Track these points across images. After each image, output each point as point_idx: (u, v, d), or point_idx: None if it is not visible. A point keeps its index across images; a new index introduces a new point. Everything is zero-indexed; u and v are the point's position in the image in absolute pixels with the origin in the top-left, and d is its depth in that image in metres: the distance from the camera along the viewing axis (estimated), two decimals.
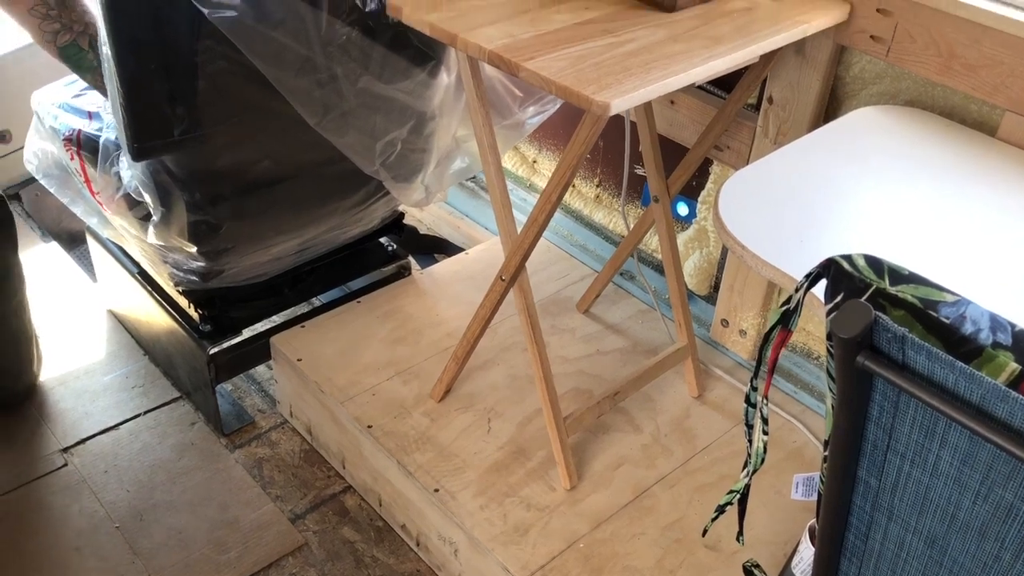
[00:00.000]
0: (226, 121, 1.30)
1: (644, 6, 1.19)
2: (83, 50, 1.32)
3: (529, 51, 1.06)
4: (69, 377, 1.75)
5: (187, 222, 1.37)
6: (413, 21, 1.15)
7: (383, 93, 1.38)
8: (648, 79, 1.02)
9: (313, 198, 1.50)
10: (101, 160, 1.42)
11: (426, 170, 1.57)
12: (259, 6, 1.16)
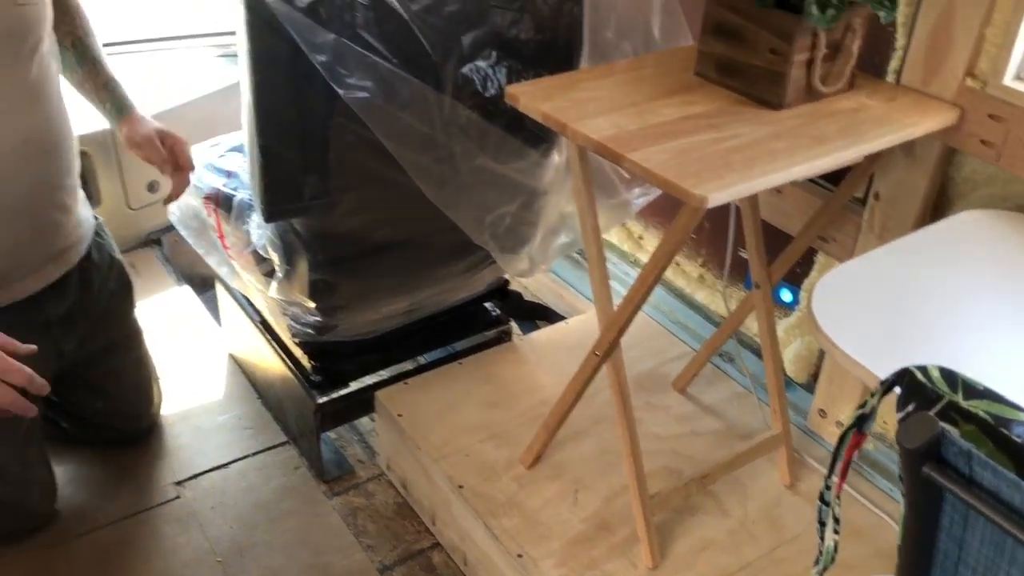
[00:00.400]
0: (351, 189, 1.40)
1: (751, 103, 1.24)
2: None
3: (634, 142, 1.12)
4: (189, 414, 1.87)
5: (308, 280, 1.47)
6: (528, 109, 1.22)
7: (497, 171, 1.45)
8: (748, 175, 1.05)
9: (424, 263, 1.59)
10: (234, 217, 1.54)
11: (532, 243, 1.63)
12: (389, 89, 1.26)
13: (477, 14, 1.31)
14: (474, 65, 1.34)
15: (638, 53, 1.48)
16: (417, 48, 1.27)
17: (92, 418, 1.71)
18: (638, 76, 1.33)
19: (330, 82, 1.22)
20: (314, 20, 1.19)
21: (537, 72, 1.40)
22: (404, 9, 1.23)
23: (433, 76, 1.30)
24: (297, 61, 1.21)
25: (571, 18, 1.41)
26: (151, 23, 2.60)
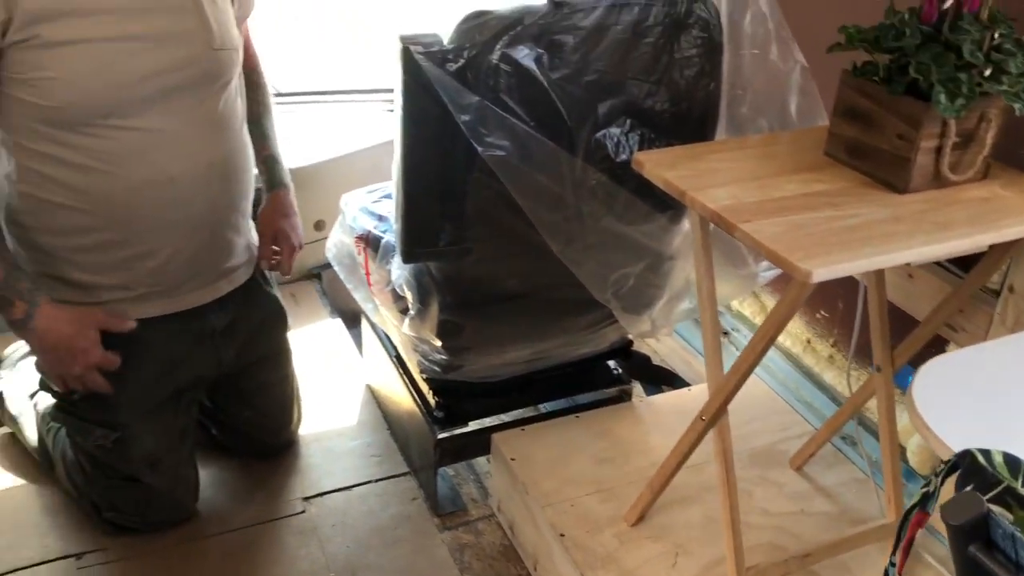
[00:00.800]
0: (484, 239, 1.50)
1: (877, 185, 1.25)
2: None
3: (749, 214, 1.15)
4: (323, 436, 2.01)
5: (437, 320, 1.57)
6: (652, 176, 1.28)
7: (623, 232, 1.51)
8: (858, 254, 1.07)
9: (548, 315, 1.66)
10: (380, 257, 1.67)
11: (655, 305, 1.67)
12: (524, 149, 1.35)
13: (614, 84, 1.39)
14: (607, 131, 1.41)
15: (774, 129, 1.51)
16: (554, 113, 1.36)
17: (239, 427, 1.87)
18: (768, 152, 1.37)
19: (471, 140, 1.33)
20: (462, 83, 1.30)
21: (669, 141, 1.46)
22: (544, 77, 1.33)
23: (567, 139, 1.39)
24: (444, 119, 1.32)
25: (707, 93, 1.46)
26: (331, 77, 2.85)
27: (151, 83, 1.35)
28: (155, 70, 1.35)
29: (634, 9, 1.36)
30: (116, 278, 1.48)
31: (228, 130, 1.50)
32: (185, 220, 1.47)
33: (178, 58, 1.37)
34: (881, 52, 1.20)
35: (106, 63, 1.31)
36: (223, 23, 1.43)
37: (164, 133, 1.39)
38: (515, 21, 1.30)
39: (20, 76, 1.30)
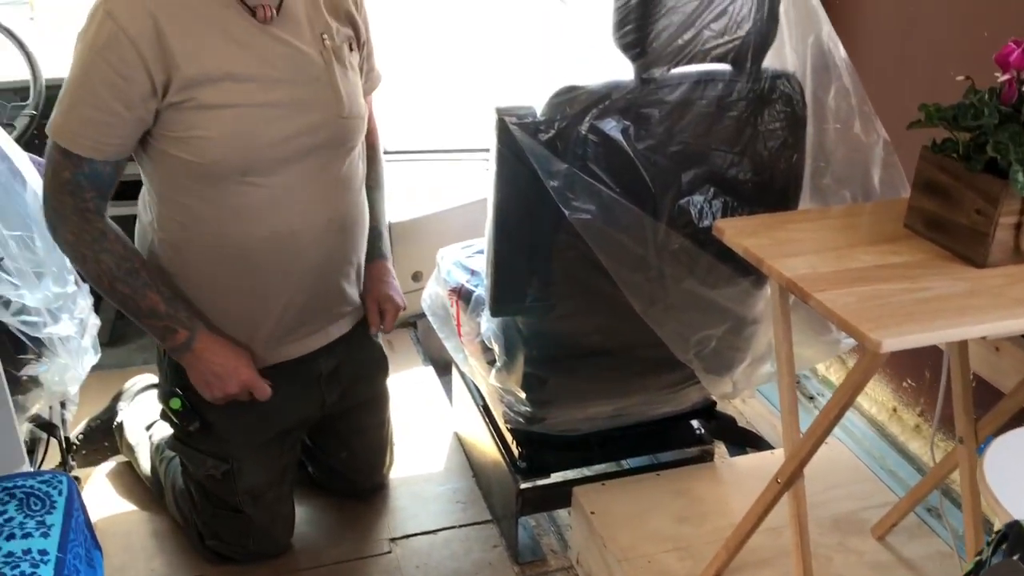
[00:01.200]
0: (569, 296, 1.57)
1: (955, 259, 1.26)
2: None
3: (823, 283, 1.19)
4: (411, 480, 2.09)
5: (522, 372, 1.64)
6: (732, 243, 1.33)
7: (705, 295, 1.56)
8: (930, 326, 1.09)
9: (630, 373, 1.71)
10: (471, 309, 1.76)
11: (738, 367, 1.70)
12: (609, 213, 1.42)
13: (698, 155, 1.45)
14: (691, 198, 1.47)
15: (857, 199, 1.54)
16: (639, 180, 1.43)
17: (335, 467, 1.97)
18: (849, 223, 1.40)
19: (559, 204, 1.41)
20: (552, 152, 1.39)
21: (752, 209, 1.51)
22: (630, 147, 1.40)
23: (651, 205, 1.45)
24: (534, 184, 1.41)
25: (790, 164, 1.51)
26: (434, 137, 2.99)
27: (286, 145, 1.49)
28: (291, 134, 1.48)
29: (718, 85, 1.43)
30: (241, 324, 1.60)
31: (349, 190, 1.63)
32: (305, 270, 1.59)
33: (311, 124, 1.51)
34: (960, 130, 1.23)
35: (251, 126, 1.44)
36: (352, 94, 1.56)
37: (293, 190, 1.52)
38: (604, 96, 1.38)
39: (172, 134, 1.45)
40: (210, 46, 1.42)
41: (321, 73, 1.51)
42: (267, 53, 1.46)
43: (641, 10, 1.34)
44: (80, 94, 1.40)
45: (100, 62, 1.37)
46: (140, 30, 1.36)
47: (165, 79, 1.39)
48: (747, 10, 1.38)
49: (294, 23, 1.49)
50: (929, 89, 1.66)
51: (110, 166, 1.46)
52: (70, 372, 1.81)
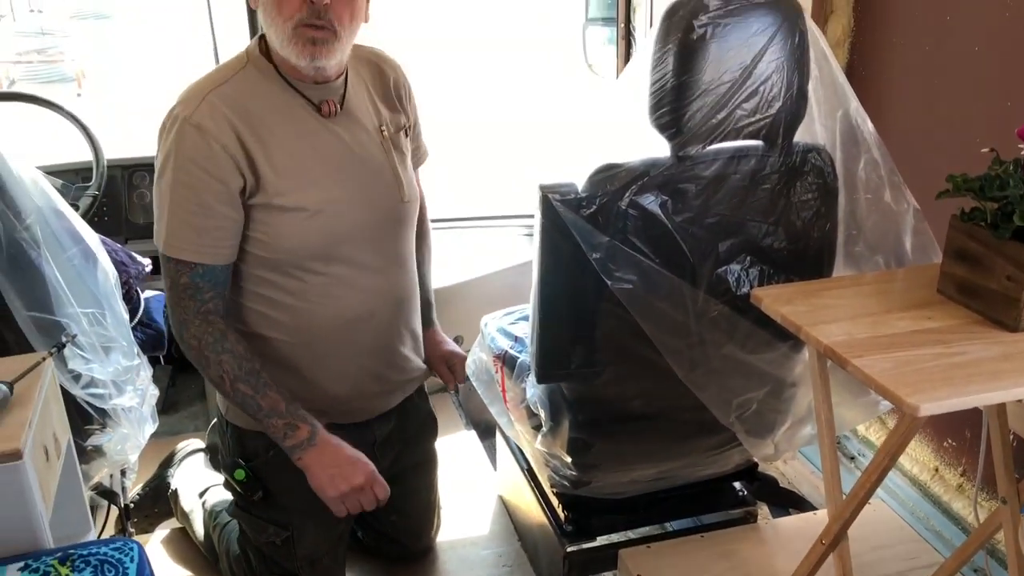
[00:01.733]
0: (612, 363, 1.62)
1: (988, 324, 1.30)
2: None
3: (860, 349, 1.24)
4: (457, 544, 2.13)
5: (568, 437, 1.69)
6: (770, 311, 1.39)
7: (745, 360, 1.61)
8: (965, 390, 1.13)
9: (673, 436, 1.75)
10: (515, 375, 1.82)
11: (778, 430, 1.74)
12: (650, 282, 1.49)
13: (734, 225, 1.52)
14: (728, 267, 1.53)
15: (890, 265, 1.59)
16: (678, 251, 1.49)
17: (384, 530, 2.02)
18: (883, 288, 1.45)
19: (601, 274, 1.47)
20: (593, 225, 1.46)
21: (788, 277, 1.56)
22: (669, 220, 1.46)
23: (690, 274, 1.51)
24: (576, 256, 1.48)
25: (823, 233, 1.56)
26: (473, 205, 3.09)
27: (355, 232, 1.58)
28: (360, 222, 1.57)
29: (752, 160, 1.49)
30: (314, 401, 1.67)
31: (407, 265, 1.72)
32: (374, 345, 1.67)
33: (377, 211, 1.60)
34: (987, 200, 1.28)
35: (323, 219, 1.54)
36: (409, 179, 1.66)
37: (362, 273, 1.60)
38: (642, 173, 1.45)
39: (250, 234, 1.54)
40: (283, 147, 1.51)
41: (383, 163, 1.60)
42: (334, 148, 1.55)
43: (676, 93, 1.42)
44: (188, 206, 1.48)
45: (199, 172, 1.46)
46: (226, 137, 1.46)
47: (253, 182, 1.49)
48: (777, 90, 1.45)
49: (355, 117, 1.59)
50: (955, 158, 1.72)
51: (222, 267, 1.54)
52: (131, 441, 1.89)
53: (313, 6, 1.43)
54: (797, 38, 1.45)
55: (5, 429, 1.28)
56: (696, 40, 1.39)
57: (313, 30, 1.45)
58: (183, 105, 1.50)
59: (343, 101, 1.57)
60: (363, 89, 1.64)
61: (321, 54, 1.47)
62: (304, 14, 1.44)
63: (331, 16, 1.45)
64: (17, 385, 1.34)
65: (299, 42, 1.46)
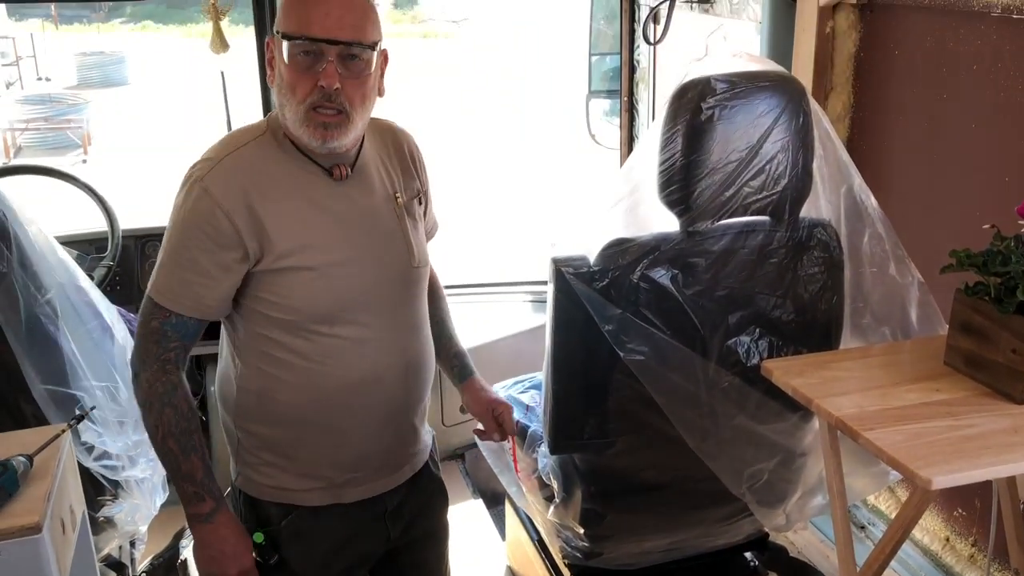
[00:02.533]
0: (624, 433, 1.64)
1: (995, 395, 1.33)
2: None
3: (871, 422, 1.26)
4: None
5: (580, 508, 1.70)
6: (781, 383, 1.41)
7: (756, 430, 1.62)
8: (976, 463, 1.15)
9: (685, 506, 1.76)
10: (527, 445, 1.83)
11: (789, 500, 1.75)
12: (661, 354, 1.51)
13: (743, 298, 1.55)
14: (738, 339, 1.56)
15: (897, 337, 1.62)
16: (688, 323, 1.52)
17: None
18: (890, 360, 1.48)
19: (614, 346, 1.50)
20: (606, 298, 1.49)
21: (797, 348, 1.59)
22: (679, 293, 1.50)
23: (701, 346, 1.54)
24: (589, 327, 1.50)
25: (830, 305, 1.60)
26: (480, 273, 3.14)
27: (365, 296, 1.60)
28: (370, 286, 1.60)
29: (759, 235, 1.53)
30: (320, 465, 1.68)
31: (420, 332, 1.73)
32: (384, 414, 1.67)
33: (388, 275, 1.63)
34: (990, 275, 1.31)
35: (333, 282, 1.56)
36: (420, 244, 1.69)
37: (372, 338, 1.62)
38: (653, 247, 1.49)
39: (258, 294, 1.56)
40: (295, 214, 1.55)
41: (395, 228, 1.64)
42: (346, 212, 1.59)
43: (685, 171, 1.47)
44: (180, 260, 1.53)
45: (199, 233, 1.51)
46: (234, 205, 1.50)
47: (257, 248, 1.52)
48: (783, 167, 1.50)
49: (367, 181, 1.62)
50: (956, 232, 1.76)
51: (195, 321, 1.57)
52: (141, 511, 1.89)
53: (324, 90, 1.48)
54: (801, 118, 1.50)
55: (25, 502, 1.28)
56: (704, 121, 1.44)
57: (325, 115, 1.50)
58: (201, 165, 1.55)
59: (355, 164, 1.62)
60: (377, 155, 1.68)
61: (332, 137, 1.52)
62: (316, 97, 1.48)
63: (342, 99, 1.49)
64: (36, 458, 1.35)
65: (311, 125, 1.50)
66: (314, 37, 1.46)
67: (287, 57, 1.47)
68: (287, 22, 1.49)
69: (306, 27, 1.46)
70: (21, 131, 13.82)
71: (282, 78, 1.50)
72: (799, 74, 2.03)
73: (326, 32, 1.46)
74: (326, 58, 1.47)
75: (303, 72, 1.48)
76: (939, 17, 1.78)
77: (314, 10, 1.47)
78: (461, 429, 2.80)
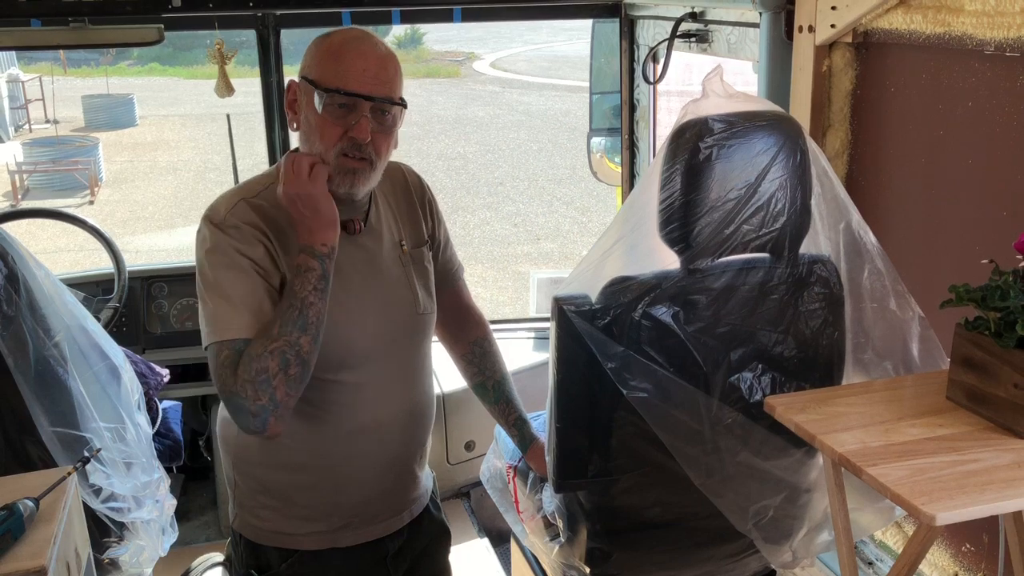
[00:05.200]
0: (629, 471, 1.64)
1: (999, 430, 1.33)
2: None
3: (875, 458, 1.26)
4: None
5: (586, 547, 1.69)
6: (783, 419, 1.41)
7: (760, 466, 1.62)
8: (980, 498, 1.15)
9: (691, 544, 1.75)
10: (530, 486, 1.83)
11: (796, 536, 1.74)
12: (664, 391, 1.52)
13: (745, 335, 1.56)
14: (740, 375, 1.56)
15: (899, 372, 1.62)
16: (691, 360, 1.53)
17: None
18: (893, 396, 1.48)
19: (617, 383, 1.50)
20: (608, 336, 1.50)
21: (799, 384, 1.59)
22: (681, 330, 1.51)
23: (703, 382, 1.54)
24: (592, 365, 1.51)
25: (831, 341, 1.60)
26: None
27: (370, 343, 1.61)
28: (375, 333, 1.61)
29: (760, 271, 1.55)
30: (321, 509, 1.68)
31: (422, 378, 1.74)
32: (385, 459, 1.68)
33: (393, 323, 1.64)
34: (989, 310, 1.32)
35: (340, 329, 1.57)
36: (426, 291, 1.70)
37: (377, 383, 1.63)
38: (654, 285, 1.50)
39: None
40: None
41: (400, 276, 1.65)
42: (355, 261, 1.61)
43: (684, 210, 1.48)
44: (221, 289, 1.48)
45: (229, 251, 1.49)
46: (255, 231, 1.51)
47: (279, 275, 1.53)
48: (782, 205, 1.51)
49: (377, 232, 1.65)
50: (955, 267, 1.77)
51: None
52: (147, 553, 1.89)
53: (355, 141, 1.51)
54: (799, 156, 1.52)
55: (31, 546, 1.29)
56: (702, 160, 1.46)
57: (353, 161, 1.52)
58: (214, 210, 1.56)
59: (366, 217, 1.64)
60: (386, 203, 1.70)
61: (358, 183, 1.54)
62: (345, 144, 1.51)
63: (370, 150, 1.53)
64: (42, 501, 1.36)
65: (338, 172, 1.52)
66: (352, 92, 1.49)
67: (320, 106, 1.50)
68: (322, 73, 1.51)
69: (343, 81, 1.49)
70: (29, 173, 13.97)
71: (310, 124, 1.53)
72: (796, 112, 2.05)
73: (363, 88, 1.50)
74: (360, 112, 1.50)
75: (335, 120, 1.51)
76: (934, 55, 1.81)
77: (352, 65, 1.50)
78: (465, 467, 2.80)
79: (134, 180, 14.14)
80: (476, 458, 2.79)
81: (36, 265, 1.67)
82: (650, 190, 1.53)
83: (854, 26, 1.93)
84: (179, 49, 22.66)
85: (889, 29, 1.87)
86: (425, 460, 1.83)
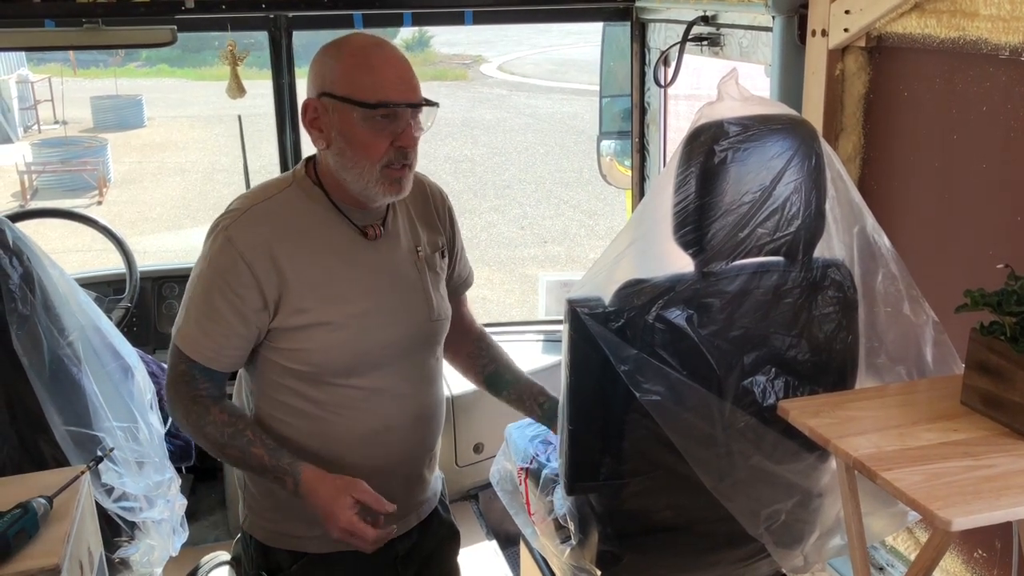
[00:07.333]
0: (641, 474, 1.64)
1: (1013, 434, 1.33)
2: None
3: (889, 462, 1.26)
4: None
5: (597, 550, 1.69)
6: (797, 423, 1.41)
7: (772, 470, 1.62)
8: (996, 504, 1.15)
9: (702, 547, 1.75)
10: (541, 488, 1.83)
11: (807, 541, 1.73)
12: (677, 394, 1.51)
13: (758, 338, 1.55)
14: (754, 379, 1.56)
15: (912, 376, 1.62)
16: (704, 363, 1.52)
17: None
18: (907, 400, 1.48)
19: (630, 386, 1.50)
20: (622, 339, 1.50)
21: (812, 388, 1.59)
22: (695, 333, 1.50)
23: (716, 386, 1.54)
24: (605, 368, 1.51)
25: (845, 344, 1.60)
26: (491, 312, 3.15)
27: (384, 349, 1.62)
28: (388, 338, 1.62)
29: (774, 275, 1.54)
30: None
31: (434, 383, 1.75)
32: (395, 462, 1.68)
33: (406, 328, 1.65)
34: (1005, 315, 1.32)
35: (353, 335, 1.58)
36: (440, 298, 1.71)
37: (389, 388, 1.64)
38: (668, 288, 1.50)
39: (277, 345, 1.59)
40: (318, 262, 1.57)
41: (415, 281, 1.66)
42: (372, 267, 1.62)
43: (699, 213, 1.48)
44: (202, 308, 1.56)
45: (220, 281, 1.54)
46: (256, 255, 1.53)
47: (276, 298, 1.55)
48: (796, 209, 1.51)
49: (394, 239, 1.66)
50: (970, 271, 1.77)
51: (217, 371, 1.59)
52: (157, 553, 1.89)
53: (402, 149, 1.53)
54: (814, 160, 1.52)
55: (44, 544, 1.29)
56: (717, 164, 1.46)
57: (398, 171, 1.55)
58: (228, 215, 1.58)
59: (384, 223, 1.64)
60: (404, 209, 1.71)
61: (403, 189, 1.58)
62: (392, 156, 1.53)
63: (411, 154, 1.55)
64: (56, 499, 1.36)
65: (386, 182, 1.55)
66: (396, 103, 1.51)
67: (362, 121, 1.51)
68: (356, 88, 1.52)
69: (383, 94, 1.51)
70: (38, 173, 14.01)
71: (351, 141, 1.54)
72: (809, 116, 2.05)
73: (403, 96, 1.53)
74: (404, 119, 1.52)
75: (379, 133, 1.52)
76: (948, 59, 1.81)
77: (387, 75, 1.52)
78: (474, 469, 2.80)
79: (142, 181, 14.18)
80: (485, 460, 2.79)
81: (51, 265, 1.68)
82: (664, 193, 1.53)
83: (868, 30, 1.93)
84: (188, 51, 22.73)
85: (903, 33, 1.86)
86: (435, 463, 1.83)
